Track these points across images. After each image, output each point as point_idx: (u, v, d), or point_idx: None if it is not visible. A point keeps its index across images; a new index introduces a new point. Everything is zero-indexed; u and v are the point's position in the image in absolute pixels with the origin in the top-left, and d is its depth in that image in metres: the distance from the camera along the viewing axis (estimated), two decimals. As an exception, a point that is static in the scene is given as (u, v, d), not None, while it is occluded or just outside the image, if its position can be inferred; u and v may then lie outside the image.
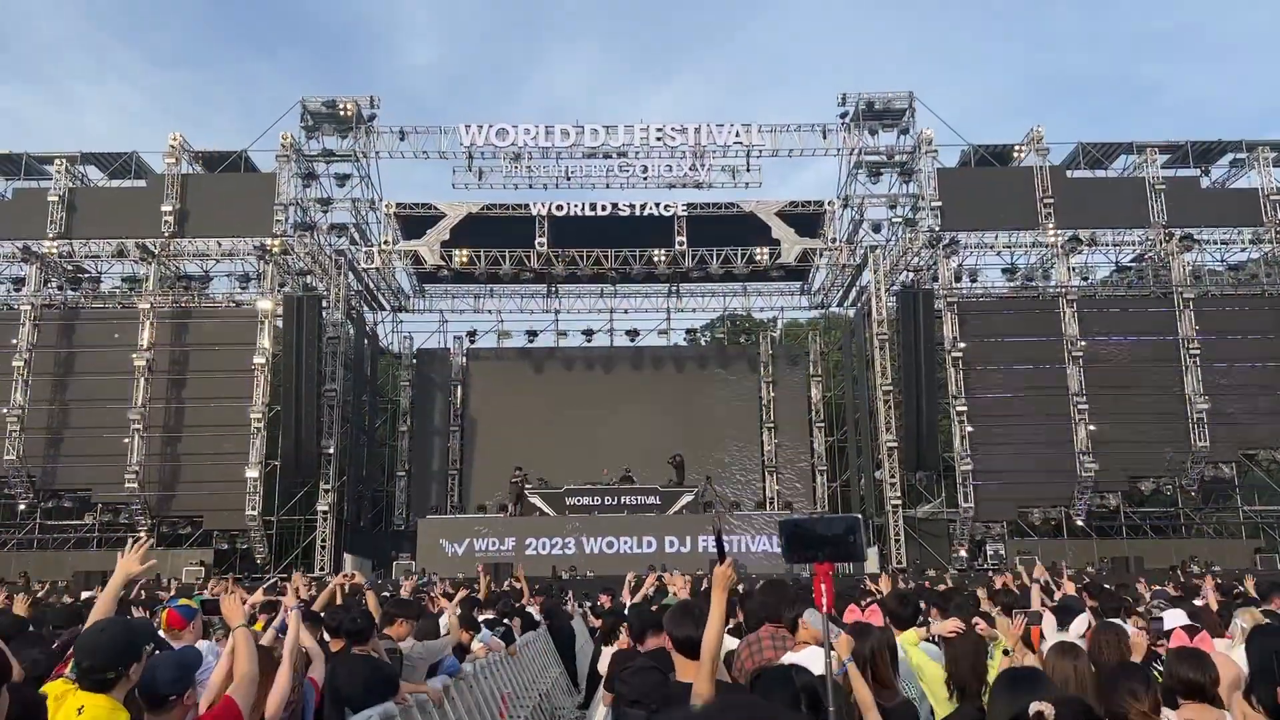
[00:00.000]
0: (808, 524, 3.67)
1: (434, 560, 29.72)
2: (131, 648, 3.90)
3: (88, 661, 3.74)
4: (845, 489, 39.27)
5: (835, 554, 3.62)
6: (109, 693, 3.79)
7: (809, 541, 3.63)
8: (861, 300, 36.73)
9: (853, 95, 34.09)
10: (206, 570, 28.68)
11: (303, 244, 33.44)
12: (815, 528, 3.65)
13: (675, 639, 4.74)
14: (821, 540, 3.62)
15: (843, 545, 3.60)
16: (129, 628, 4.07)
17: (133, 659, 3.90)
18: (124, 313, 32.91)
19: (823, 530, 3.62)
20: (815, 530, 3.63)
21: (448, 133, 33.78)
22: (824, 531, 3.62)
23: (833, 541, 3.61)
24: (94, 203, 33.69)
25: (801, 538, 3.62)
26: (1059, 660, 4.91)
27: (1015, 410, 32.00)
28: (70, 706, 3.75)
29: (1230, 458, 32.49)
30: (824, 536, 3.61)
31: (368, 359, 39.67)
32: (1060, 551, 29.92)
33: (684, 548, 29.73)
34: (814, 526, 3.66)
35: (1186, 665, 4.49)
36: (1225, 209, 33.45)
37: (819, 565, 3.63)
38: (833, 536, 3.61)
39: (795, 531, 3.63)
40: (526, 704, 11.36)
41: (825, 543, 3.61)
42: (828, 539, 3.61)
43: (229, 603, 4.83)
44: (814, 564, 3.64)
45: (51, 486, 32.01)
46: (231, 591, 6.70)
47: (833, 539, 3.61)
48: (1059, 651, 5.08)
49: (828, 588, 3.64)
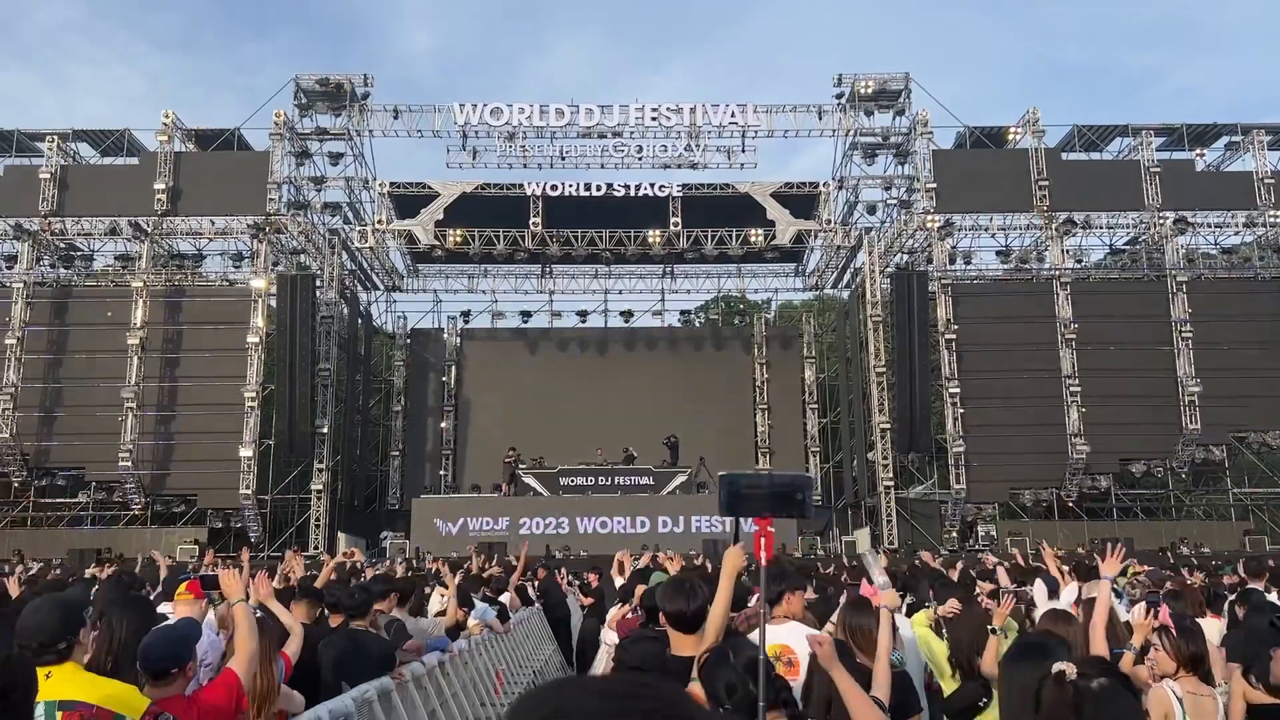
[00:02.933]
0: (747, 479, 3.67)
1: (428, 539, 29.81)
2: (69, 618, 3.96)
3: (34, 642, 3.81)
4: (838, 470, 39.41)
5: (777, 509, 3.62)
6: (69, 661, 3.86)
7: (749, 497, 3.63)
8: (856, 282, 36.75)
9: (848, 76, 33.95)
10: (201, 548, 28.71)
11: (296, 223, 33.33)
12: (756, 482, 3.65)
13: (668, 614, 4.79)
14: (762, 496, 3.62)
15: (788, 501, 3.61)
16: (61, 603, 4.18)
17: (77, 625, 3.96)
18: (117, 291, 32.76)
19: (764, 486, 3.62)
20: (756, 485, 3.63)
21: (442, 111, 33.63)
22: (766, 487, 3.62)
23: (775, 497, 3.61)
24: (86, 180, 33.44)
25: (742, 493, 3.62)
26: (1053, 626, 5.01)
27: (1007, 392, 32.07)
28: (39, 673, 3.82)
29: (1221, 440, 32.66)
30: (765, 492, 3.62)
31: (361, 338, 39.61)
32: (1051, 533, 30.08)
33: (677, 528, 29.85)
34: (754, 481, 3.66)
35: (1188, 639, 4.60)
36: (1219, 192, 33.44)
37: (759, 519, 3.64)
38: (776, 493, 3.62)
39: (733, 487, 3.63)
40: (521, 680, 11.45)
41: (767, 498, 3.62)
42: (770, 494, 3.61)
43: (227, 577, 4.86)
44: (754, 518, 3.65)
45: (45, 465, 31.95)
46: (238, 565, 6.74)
47: (775, 495, 3.61)
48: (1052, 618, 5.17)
49: (768, 542, 3.67)
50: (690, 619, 4.83)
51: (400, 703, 6.81)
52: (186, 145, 34.20)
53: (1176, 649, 4.62)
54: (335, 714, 5.52)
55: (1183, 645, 4.63)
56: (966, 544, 30.95)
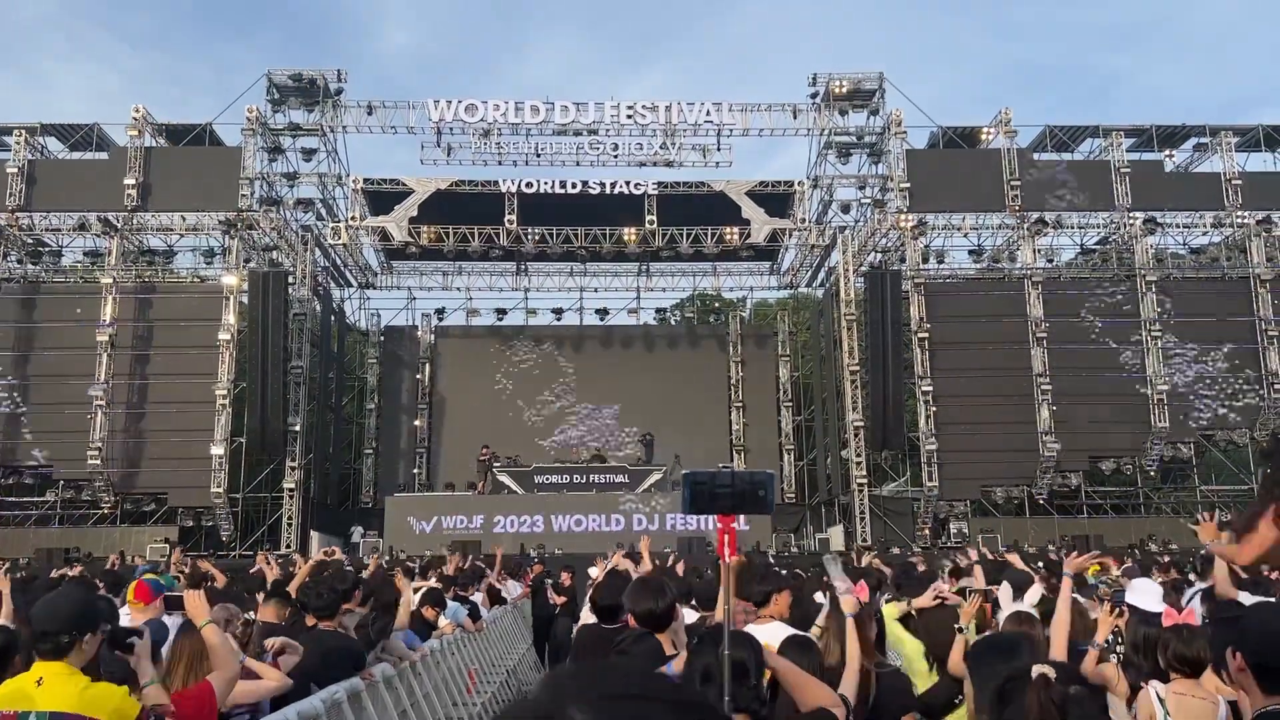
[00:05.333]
0: (710, 477, 3.70)
1: (402, 538, 29.69)
2: (87, 616, 3.92)
3: (43, 626, 3.76)
4: (812, 467, 39.57)
5: (739, 506, 3.66)
6: (64, 659, 3.80)
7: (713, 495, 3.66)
8: (830, 281, 36.90)
9: (823, 76, 34.08)
10: (171, 546, 28.43)
11: (268, 219, 33.03)
12: (718, 480, 3.68)
13: (638, 614, 4.81)
14: (725, 494, 3.66)
15: (749, 498, 3.64)
16: (89, 598, 4.10)
17: (87, 628, 3.91)
18: (86, 287, 32.34)
19: (726, 484, 3.66)
20: (718, 483, 3.67)
21: (416, 108, 33.44)
22: (728, 485, 3.65)
23: (737, 495, 3.65)
24: (54, 175, 32.98)
25: (705, 491, 3.66)
26: (1016, 629, 5.02)
27: (979, 390, 32.31)
28: (29, 677, 3.76)
29: (1189, 438, 33.06)
30: (728, 490, 3.65)
31: (334, 336, 39.34)
32: (1022, 530, 30.40)
33: (652, 525, 29.84)
34: (717, 480, 3.69)
35: (1181, 641, 4.60)
36: (1188, 193, 33.82)
37: (722, 517, 3.68)
38: (737, 490, 3.65)
39: (697, 485, 3.67)
40: (494, 679, 11.43)
41: (729, 496, 3.65)
42: (732, 492, 3.65)
43: (192, 599, 4.76)
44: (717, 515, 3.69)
45: (12, 463, 31.52)
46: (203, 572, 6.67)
47: (738, 492, 3.65)
48: (1015, 621, 5.20)
49: (730, 539, 3.70)
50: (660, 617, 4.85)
51: (370, 703, 6.79)
52: (157, 140, 33.79)
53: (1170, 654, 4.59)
54: (304, 715, 5.49)
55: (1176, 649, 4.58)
56: (939, 541, 31.19)
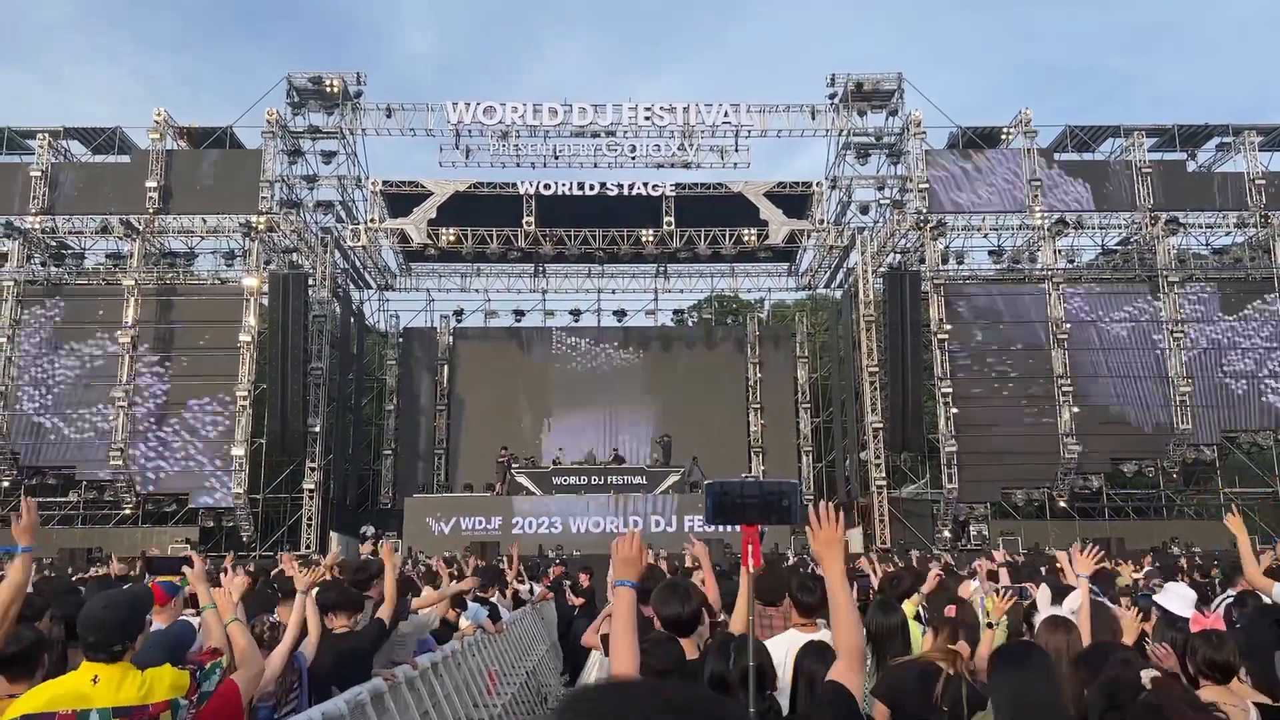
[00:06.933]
0: (733, 486, 3.67)
1: (421, 539, 29.76)
2: (134, 621, 3.95)
3: (94, 636, 3.76)
4: (830, 469, 39.42)
5: (763, 516, 3.62)
6: (119, 663, 3.83)
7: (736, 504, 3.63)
8: (848, 282, 36.77)
9: (841, 76, 33.98)
10: (192, 548, 28.61)
11: (288, 221, 33.22)
12: (742, 490, 3.65)
13: (664, 618, 4.78)
14: (748, 504, 3.62)
15: (774, 508, 3.60)
16: (131, 602, 4.09)
17: (137, 631, 3.97)
18: (108, 289, 32.63)
19: (751, 493, 3.62)
20: (742, 492, 3.63)
21: (435, 110, 33.54)
22: (752, 494, 3.62)
23: (762, 504, 3.61)
24: (77, 178, 33.30)
25: (728, 501, 3.62)
26: (1050, 635, 4.95)
27: (1000, 392, 32.14)
28: (82, 677, 3.76)
29: (1212, 440, 32.75)
30: (752, 499, 3.61)
31: (354, 337, 39.44)
32: (1043, 533, 30.17)
33: (670, 528, 29.82)
34: (740, 489, 3.65)
35: (1211, 647, 4.53)
36: (1211, 193, 33.55)
37: (745, 526, 3.64)
38: (762, 499, 3.61)
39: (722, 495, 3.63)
40: (514, 681, 11.43)
41: (753, 505, 3.61)
42: (756, 501, 3.61)
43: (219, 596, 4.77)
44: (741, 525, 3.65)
45: (35, 464, 31.82)
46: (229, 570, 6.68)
47: (762, 501, 3.61)
48: (1050, 626, 5.13)
49: (754, 548, 3.67)
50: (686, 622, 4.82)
51: (393, 704, 6.80)
52: (178, 143, 34.04)
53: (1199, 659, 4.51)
54: (329, 716, 5.51)
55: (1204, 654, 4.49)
56: (959, 543, 31.02)
